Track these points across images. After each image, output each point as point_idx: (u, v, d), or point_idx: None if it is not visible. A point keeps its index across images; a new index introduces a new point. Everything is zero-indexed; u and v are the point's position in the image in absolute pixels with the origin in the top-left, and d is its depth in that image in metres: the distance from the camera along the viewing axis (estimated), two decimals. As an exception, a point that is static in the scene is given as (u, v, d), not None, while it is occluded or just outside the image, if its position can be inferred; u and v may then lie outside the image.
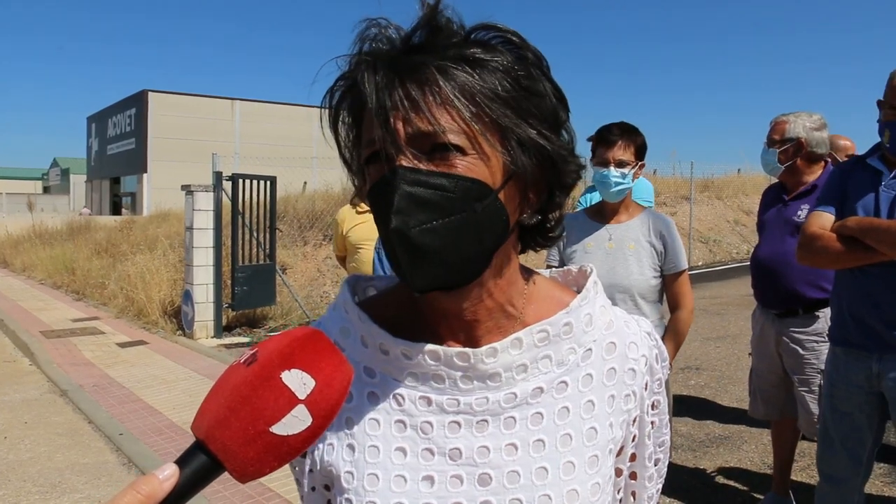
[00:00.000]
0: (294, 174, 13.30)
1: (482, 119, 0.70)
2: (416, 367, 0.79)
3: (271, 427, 0.60)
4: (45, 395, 6.35)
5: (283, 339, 0.64)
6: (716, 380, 6.42)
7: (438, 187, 0.69)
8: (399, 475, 0.77)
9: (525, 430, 0.78)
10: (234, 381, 0.62)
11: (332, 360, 0.64)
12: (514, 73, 0.72)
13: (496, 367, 0.77)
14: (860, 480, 2.65)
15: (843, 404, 2.61)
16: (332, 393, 0.63)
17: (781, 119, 3.36)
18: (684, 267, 2.88)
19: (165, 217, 16.68)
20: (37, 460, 4.78)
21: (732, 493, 4.00)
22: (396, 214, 0.68)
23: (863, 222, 2.41)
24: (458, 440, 0.77)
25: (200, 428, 0.62)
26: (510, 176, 0.73)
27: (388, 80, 0.70)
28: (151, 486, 0.58)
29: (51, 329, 9.24)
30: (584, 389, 0.80)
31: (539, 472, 0.77)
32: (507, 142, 0.72)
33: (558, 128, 0.77)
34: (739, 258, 17.04)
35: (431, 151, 0.70)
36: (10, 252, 18.33)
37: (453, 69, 0.70)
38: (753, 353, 3.66)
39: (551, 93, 0.76)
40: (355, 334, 0.83)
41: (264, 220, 9.30)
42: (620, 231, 2.88)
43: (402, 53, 0.72)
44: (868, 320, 2.49)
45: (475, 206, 0.70)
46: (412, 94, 0.69)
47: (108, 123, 40.03)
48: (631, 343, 0.84)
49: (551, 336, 0.79)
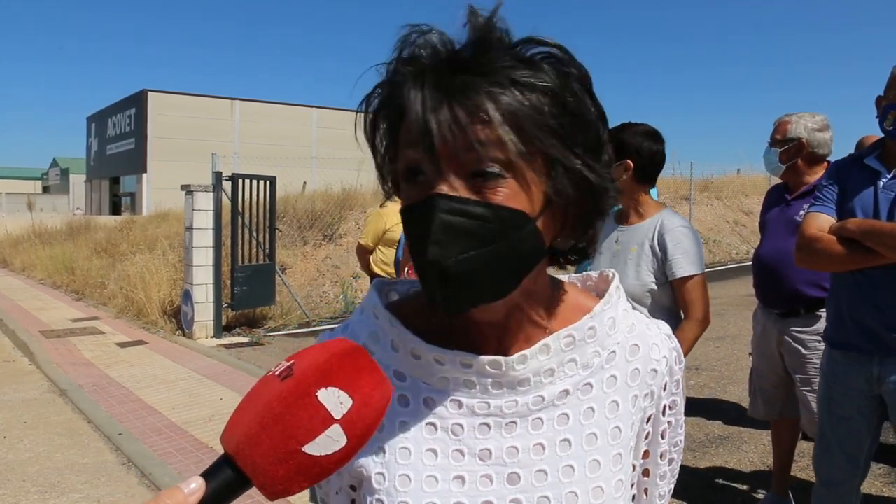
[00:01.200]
0: (294, 174, 13.31)
1: (525, 142, 0.69)
2: (447, 372, 0.80)
3: (304, 447, 0.58)
4: (45, 395, 6.35)
5: (320, 353, 0.62)
6: (715, 380, 6.42)
7: (477, 216, 0.68)
8: (431, 475, 0.78)
9: (552, 430, 0.79)
10: (267, 396, 0.59)
11: (371, 377, 0.62)
12: (561, 96, 0.71)
13: (525, 373, 0.79)
14: (857, 483, 2.63)
15: (841, 408, 2.58)
16: (369, 412, 0.60)
17: (784, 119, 3.36)
18: (687, 273, 2.67)
19: (165, 217, 16.67)
20: (36, 460, 4.77)
21: (732, 493, 4.00)
22: (433, 245, 0.68)
23: (863, 225, 2.38)
24: (488, 441, 0.79)
25: (231, 442, 0.59)
26: (548, 203, 0.73)
27: (435, 100, 0.68)
28: (176, 500, 0.56)
29: (50, 329, 9.24)
30: (609, 390, 0.82)
31: (566, 470, 0.78)
32: (552, 171, 0.72)
33: (601, 150, 0.76)
34: (739, 258, 17.04)
35: (473, 176, 0.69)
36: (9, 252, 18.32)
37: (501, 94, 0.68)
38: (754, 352, 3.65)
39: (594, 113, 0.75)
40: (385, 339, 0.83)
41: (264, 220, 9.30)
42: (628, 234, 2.81)
43: (450, 70, 0.69)
44: (869, 323, 2.45)
45: (512, 236, 0.70)
46: (460, 119, 0.67)
47: (108, 123, 40.02)
48: (653, 345, 0.86)
49: (577, 340, 0.81)
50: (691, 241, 2.72)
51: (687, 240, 2.71)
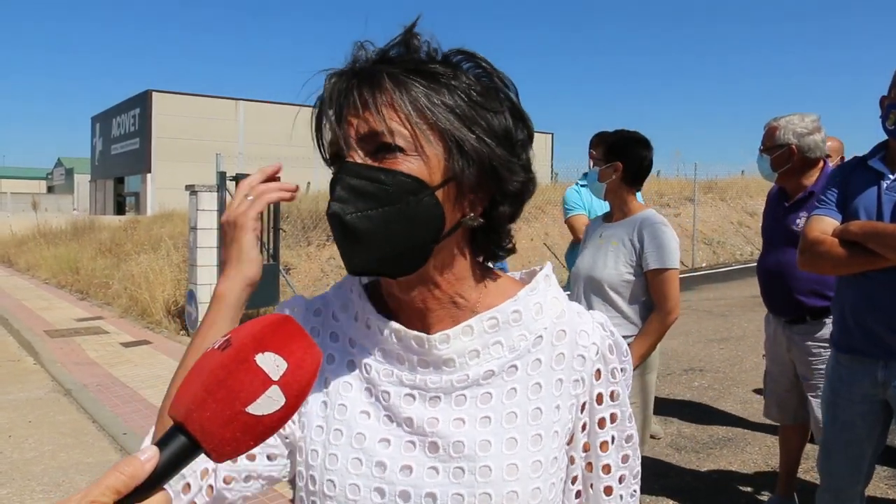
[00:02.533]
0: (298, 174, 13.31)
1: (425, 121, 0.78)
2: (385, 343, 0.87)
3: (247, 408, 0.62)
4: (49, 395, 6.37)
5: (255, 324, 0.67)
6: (719, 381, 6.40)
7: (376, 180, 0.77)
8: (360, 433, 0.86)
9: (474, 407, 0.84)
10: (209, 365, 0.64)
11: (302, 343, 0.66)
12: (466, 89, 0.80)
13: (449, 353, 0.84)
14: (861, 487, 2.61)
15: (845, 412, 2.56)
16: (303, 374, 0.65)
17: (772, 124, 3.30)
18: (660, 265, 2.83)
19: (169, 217, 16.72)
20: (41, 459, 4.79)
21: (736, 495, 3.99)
22: (335, 202, 0.78)
23: (866, 227, 2.36)
24: (412, 410, 0.85)
25: (179, 410, 0.64)
26: (450, 178, 0.80)
27: (347, 85, 0.79)
28: (134, 467, 0.60)
29: (55, 328, 9.26)
30: (533, 373, 0.86)
31: (483, 444, 0.82)
32: (448, 145, 0.79)
33: (509, 142, 0.83)
34: (743, 260, 17.00)
35: (377, 151, 0.78)
36: (14, 251, 18.38)
37: (405, 78, 0.79)
38: (767, 356, 3.63)
39: (508, 112, 0.83)
40: (351, 310, 0.92)
41: (268, 221, 9.30)
42: (611, 230, 3.02)
43: (371, 65, 0.81)
44: (873, 326, 2.42)
45: (409, 200, 0.77)
46: (364, 97, 0.78)
47: (113, 123, 40.10)
48: (581, 331, 0.89)
49: (500, 323, 0.86)
50: (668, 237, 2.88)
51: (663, 235, 2.87)
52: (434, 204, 0.79)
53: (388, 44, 0.82)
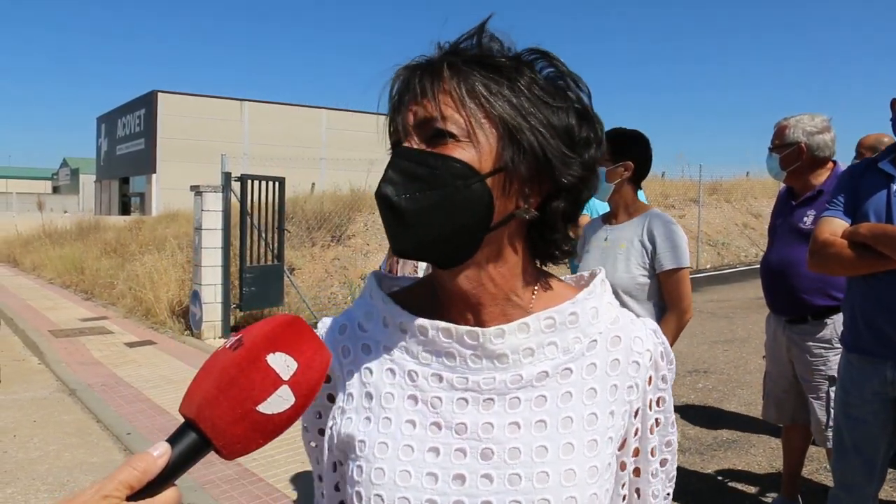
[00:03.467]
0: (303, 175, 13.34)
1: (480, 109, 0.78)
2: (430, 343, 0.84)
3: (257, 406, 0.64)
4: (54, 394, 6.39)
5: (266, 324, 0.68)
6: (723, 383, 6.39)
7: (426, 164, 0.78)
8: (407, 444, 0.82)
9: (528, 410, 0.82)
10: (221, 363, 0.66)
11: (312, 343, 0.68)
12: (529, 84, 0.80)
13: (504, 348, 0.82)
14: (874, 487, 2.62)
15: (858, 411, 2.57)
16: (313, 374, 0.66)
17: (782, 123, 3.32)
18: (675, 265, 2.79)
19: (174, 217, 16.73)
20: (45, 459, 4.80)
21: (740, 497, 3.99)
22: (385, 183, 0.78)
23: (875, 229, 2.37)
24: (465, 415, 0.82)
25: (191, 407, 0.65)
26: (501, 167, 0.79)
27: (411, 75, 0.81)
28: (146, 463, 0.62)
29: (59, 328, 9.29)
30: (588, 377, 0.84)
31: (539, 450, 0.80)
32: (501, 134, 0.79)
33: (569, 139, 0.81)
34: (748, 261, 16.96)
35: (432, 137, 0.78)
36: (19, 251, 18.43)
37: (465, 67, 0.79)
38: (767, 356, 3.63)
39: (574, 113, 0.82)
40: (378, 316, 0.90)
41: (272, 221, 9.32)
42: (616, 232, 2.94)
43: (438, 57, 0.82)
44: (882, 327, 2.44)
45: (457, 185, 0.77)
46: (424, 84, 0.79)
47: (118, 124, 40.24)
48: (636, 338, 0.88)
49: (557, 324, 0.84)
50: (679, 235, 2.85)
51: (676, 235, 2.84)
52: (483, 191, 0.78)
53: (460, 38, 0.83)
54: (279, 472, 4.31)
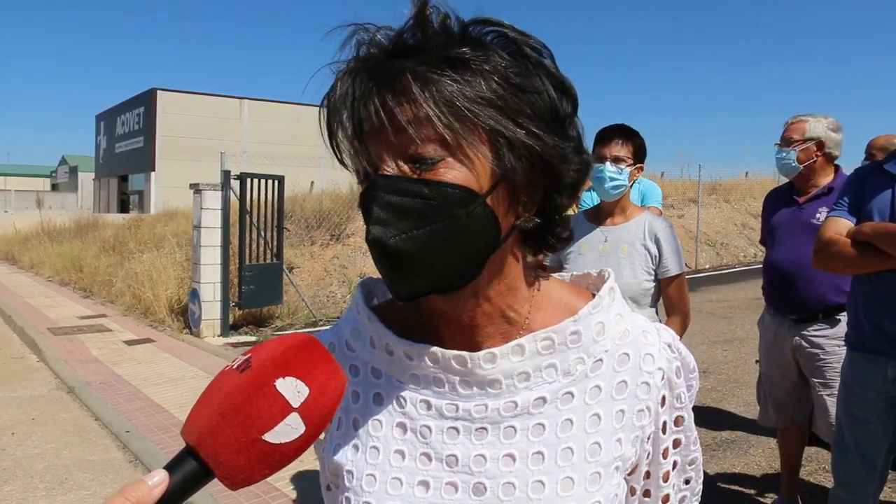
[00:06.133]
0: (302, 173, 13.31)
1: (464, 123, 0.67)
2: (417, 368, 0.78)
3: (264, 435, 0.60)
4: (53, 392, 6.38)
5: (277, 345, 0.63)
6: (723, 383, 6.39)
7: (418, 195, 0.67)
8: (396, 477, 0.77)
9: (525, 440, 0.75)
10: (226, 387, 0.61)
11: (326, 367, 0.63)
12: (503, 71, 0.69)
13: (495, 373, 0.75)
14: (875, 487, 2.62)
15: (859, 410, 2.58)
16: (325, 401, 0.62)
17: (800, 118, 3.33)
18: (679, 271, 2.80)
19: (173, 215, 16.71)
20: (44, 456, 4.79)
21: (739, 498, 3.98)
22: (374, 225, 0.67)
23: (878, 228, 2.39)
24: (456, 447, 0.76)
25: (192, 434, 0.61)
26: (499, 180, 0.70)
27: (364, 90, 0.68)
28: (141, 493, 0.57)
29: (58, 326, 9.28)
30: (591, 402, 0.76)
31: (535, 485, 0.73)
32: (494, 144, 0.69)
33: (558, 123, 0.73)
34: (747, 261, 16.97)
35: (414, 160, 0.68)
36: (18, 249, 18.42)
37: (433, 74, 0.67)
38: (763, 360, 3.59)
39: (550, 86, 0.72)
40: (365, 335, 0.83)
41: (272, 220, 9.31)
42: (615, 233, 2.85)
43: (386, 58, 0.69)
44: (885, 325, 2.46)
45: (459, 213, 0.68)
46: (389, 106, 0.67)
47: (117, 121, 40.18)
48: (647, 355, 0.79)
49: (556, 344, 0.76)
50: (678, 241, 2.86)
51: (676, 240, 2.84)
52: (487, 213, 0.70)
53: (402, 27, 0.70)
54: (279, 471, 4.29)
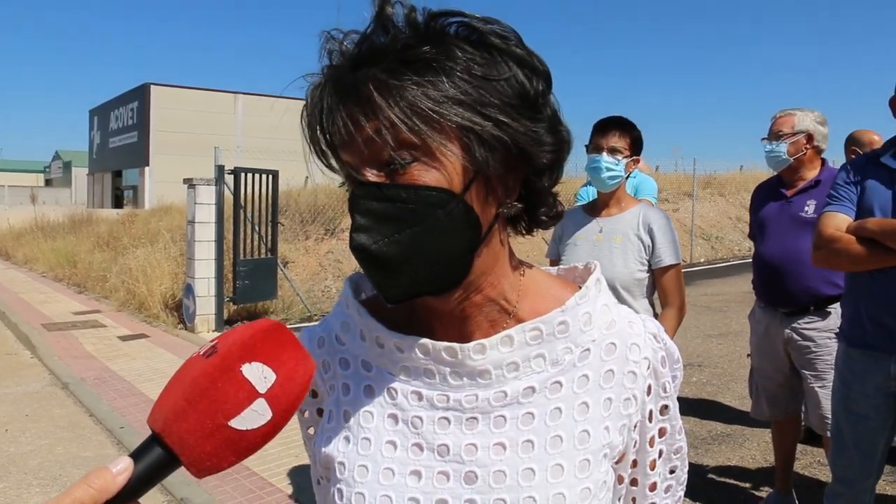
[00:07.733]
0: (296, 168, 13.28)
1: (430, 125, 0.68)
2: (407, 360, 0.79)
3: (230, 421, 0.59)
4: (47, 388, 6.36)
5: (244, 331, 0.63)
6: (717, 377, 6.41)
7: (395, 199, 0.69)
8: (388, 468, 0.78)
9: (515, 429, 0.77)
10: (192, 372, 0.61)
11: (294, 353, 0.62)
12: (465, 64, 0.70)
13: (485, 363, 0.77)
14: (872, 482, 2.63)
15: (858, 406, 2.57)
16: (293, 387, 0.61)
17: (789, 112, 3.35)
18: (673, 262, 2.79)
19: (167, 210, 16.66)
20: (38, 453, 4.78)
21: (734, 491, 3.99)
22: (357, 232, 0.70)
23: (884, 224, 2.36)
24: (447, 436, 0.77)
25: (157, 420, 0.60)
26: (474, 175, 0.72)
27: (331, 104, 0.71)
28: (104, 480, 0.57)
29: (52, 322, 9.25)
30: (579, 391, 0.78)
31: (526, 473, 0.75)
32: (464, 141, 0.70)
33: (528, 106, 0.73)
34: (741, 255, 17.01)
35: (387, 166, 0.70)
36: (11, 244, 18.36)
37: (394, 80, 0.68)
38: (755, 354, 3.61)
39: (518, 70, 0.72)
40: (355, 328, 0.84)
41: (266, 214, 9.29)
42: (610, 224, 2.87)
43: (351, 68, 0.71)
44: (887, 321, 2.44)
45: (438, 214, 0.70)
46: (356, 118, 0.69)
47: (111, 117, 39.97)
48: (633, 345, 0.81)
49: (545, 335, 0.78)
50: (674, 232, 2.85)
51: (671, 231, 2.84)
52: (465, 210, 0.71)
53: (365, 30, 0.71)
54: (273, 467, 4.29)
